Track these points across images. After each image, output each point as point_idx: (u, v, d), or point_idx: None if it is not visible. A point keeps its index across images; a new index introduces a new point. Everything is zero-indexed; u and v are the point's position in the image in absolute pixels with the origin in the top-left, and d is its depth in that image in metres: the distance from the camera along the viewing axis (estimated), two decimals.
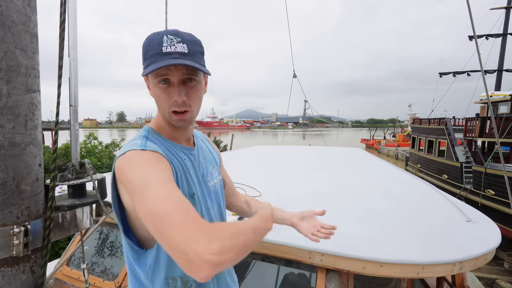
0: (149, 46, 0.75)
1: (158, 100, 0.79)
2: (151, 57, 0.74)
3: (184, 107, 0.78)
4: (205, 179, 0.93)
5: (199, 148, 0.98)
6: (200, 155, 0.95)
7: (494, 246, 1.45)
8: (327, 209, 1.94)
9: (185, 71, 0.76)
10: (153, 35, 0.76)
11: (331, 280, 1.37)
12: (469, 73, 17.18)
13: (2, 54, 0.86)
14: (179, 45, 0.74)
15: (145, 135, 0.81)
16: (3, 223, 0.87)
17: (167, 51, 0.73)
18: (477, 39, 2.21)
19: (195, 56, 0.77)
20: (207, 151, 1.03)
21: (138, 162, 0.70)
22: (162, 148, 0.78)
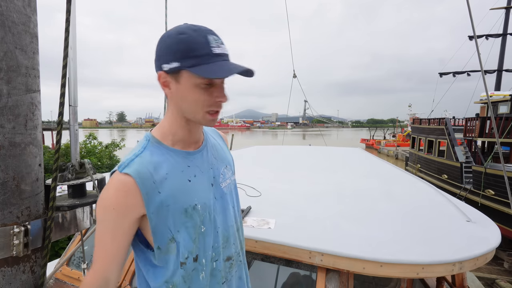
0: (194, 44, 0.71)
1: (196, 101, 0.75)
2: (201, 57, 0.71)
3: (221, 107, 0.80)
4: (217, 180, 0.90)
5: (210, 147, 0.94)
6: (210, 155, 0.92)
7: (494, 246, 1.45)
8: (327, 209, 1.95)
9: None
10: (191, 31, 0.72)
11: (331, 280, 1.37)
12: (469, 73, 17.19)
13: (2, 54, 0.86)
14: (223, 47, 0.75)
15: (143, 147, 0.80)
16: (3, 223, 0.87)
17: (217, 53, 0.73)
18: (477, 39, 2.22)
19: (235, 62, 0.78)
20: (220, 150, 0.98)
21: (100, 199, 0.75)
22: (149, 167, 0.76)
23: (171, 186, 0.78)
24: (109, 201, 0.74)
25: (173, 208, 0.77)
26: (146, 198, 0.74)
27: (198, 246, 0.82)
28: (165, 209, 0.76)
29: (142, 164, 0.76)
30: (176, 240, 0.79)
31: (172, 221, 0.77)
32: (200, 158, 0.88)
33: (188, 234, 0.80)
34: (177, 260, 0.79)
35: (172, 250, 0.79)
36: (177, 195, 0.78)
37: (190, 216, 0.80)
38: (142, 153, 0.78)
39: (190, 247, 0.80)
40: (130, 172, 0.74)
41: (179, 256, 0.79)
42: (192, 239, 0.81)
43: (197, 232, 0.81)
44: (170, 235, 0.78)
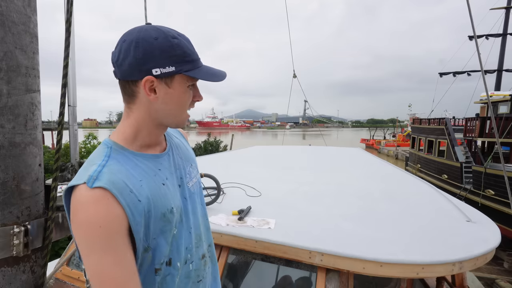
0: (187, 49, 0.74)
1: (184, 104, 0.78)
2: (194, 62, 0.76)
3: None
4: (184, 180, 0.88)
5: (174, 147, 0.91)
6: (175, 155, 0.89)
7: (494, 246, 1.45)
8: (327, 209, 1.95)
9: None
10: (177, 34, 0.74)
11: (331, 280, 1.37)
12: (469, 73, 17.19)
13: (2, 54, 0.86)
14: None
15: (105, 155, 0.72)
16: (3, 223, 0.88)
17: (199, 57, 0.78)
18: (477, 39, 2.22)
19: None
20: (184, 149, 0.97)
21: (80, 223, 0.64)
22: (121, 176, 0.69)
23: (148, 192, 0.72)
24: (91, 221, 0.63)
25: (154, 214, 0.72)
26: (128, 210, 0.67)
27: (171, 249, 0.78)
28: (147, 215, 0.71)
29: (112, 174, 0.68)
30: (152, 248, 0.74)
31: (151, 229, 0.72)
32: (167, 160, 0.85)
33: (165, 239, 0.76)
34: (150, 268, 0.75)
35: (147, 261, 0.74)
36: (155, 201, 0.73)
37: (168, 220, 0.76)
38: (108, 162, 0.70)
39: (165, 251, 0.77)
40: (103, 184, 0.64)
41: (154, 263, 0.75)
42: (168, 243, 0.77)
43: (172, 235, 0.78)
44: (146, 244, 0.72)
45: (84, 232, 0.64)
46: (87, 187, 0.64)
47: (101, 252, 0.63)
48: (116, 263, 0.65)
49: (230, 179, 2.67)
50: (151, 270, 0.75)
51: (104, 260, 0.63)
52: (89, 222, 0.63)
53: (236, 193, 2.32)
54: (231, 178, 2.73)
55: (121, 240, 0.66)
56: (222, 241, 1.56)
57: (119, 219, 0.65)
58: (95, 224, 0.63)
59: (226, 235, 1.55)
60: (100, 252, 0.63)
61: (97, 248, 0.63)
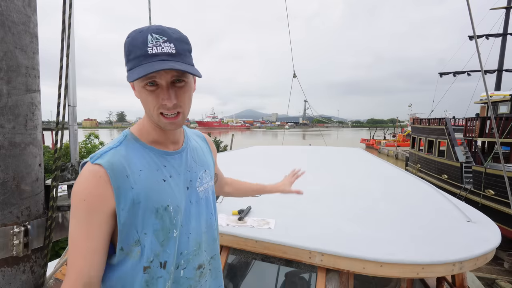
0: (132, 46, 0.69)
1: (145, 103, 0.74)
2: (136, 59, 0.69)
3: (175, 109, 0.73)
4: (194, 184, 0.87)
5: (190, 150, 0.90)
6: (189, 157, 0.88)
7: (494, 246, 1.45)
8: (327, 209, 1.95)
9: (174, 73, 0.71)
10: (135, 33, 0.70)
11: (331, 280, 1.37)
12: (469, 73, 17.18)
13: (2, 54, 0.86)
14: (165, 45, 0.69)
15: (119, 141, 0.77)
16: (3, 223, 0.87)
17: (153, 53, 0.67)
18: (477, 39, 2.21)
19: (183, 56, 0.72)
20: (201, 153, 0.95)
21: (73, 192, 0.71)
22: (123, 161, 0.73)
23: (145, 183, 0.74)
24: (80, 193, 0.70)
25: (144, 206, 0.73)
26: (117, 192, 0.70)
27: (168, 252, 0.78)
28: (136, 206, 0.72)
29: (115, 157, 0.73)
30: (141, 243, 0.74)
31: (141, 221, 0.74)
32: (179, 160, 0.85)
33: (156, 237, 0.76)
34: (139, 264, 0.75)
35: (135, 255, 0.75)
36: (149, 193, 0.74)
37: (161, 218, 0.76)
38: (118, 147, 0.75)
39: (156, 250, 0.76)
40: (102, 163, 0.70)
41: (143, 260, 0.75)
42: (160, 242, 0.76)
43: (166, 235, 0.77)
44: (136, 237, 0.74)
45: (72, 200, 0.71)
46: (90, 162, 0.72)
47: (78, 222, 0.70)
48: (85, 237, 0.70)
49: None
50: (140, 267, 0.75)
51: (77, 229, 0.71)
52: (78, 193, 0.70)
53: None
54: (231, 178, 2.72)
55: (98, 218, 0.71)
56: (222, 241, 1.56)
57: (104, 198, 0.70)
58: (81, 196, 0.70)
59: (226, 235, 1.55)
60: (78, 221, 0.70)
61: (76, 217, 0.71)
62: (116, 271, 0.76)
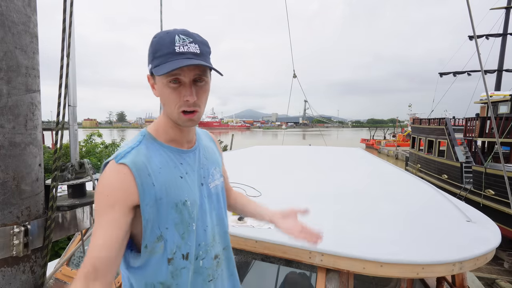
0: (159, 45, 0.75)
1: (167, 100, 0.78)
2: (163, 57, 0.74)
3: (194, 107, 0.78)
4: (206, 180, 0.92)
5: (201, 148, 0.96)
6: (201, 155, 0.94)
7: (494, 246, 1.45)
8: (327, 209, 1.95)
9: (197, 71, 0.76)
10: (163, 33, 0.76)
11: (331, 280, 1.37)
12: (469, 73, 17.17)
13: (2, 54, 0.86)
14: (191, 45, 0.75)
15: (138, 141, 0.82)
16: (3, 223, 0.87)
17: (180, 51, 0.73)
18: (477, 39, 2.21)
19: (205, 57, 0.78)
20: (211, 152, 1.01)
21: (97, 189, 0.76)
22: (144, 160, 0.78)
23: (164, 180, 0.79)
24: (104, 190, 0.74)
25: (166, 202, 0.78)
26: (141, 189, 0.75)
27: (188, 244, 0.83)
28: (159, 202, 0.77)
29: (137, 156, 0.77)
30: (164, 238, 0.79)
31: (163, 217, 0.78)
32: (193, 157, 0.90)
33: (177, 230, 0.81)
34: (163, 257, 0.80)
35: (159, 250, 0.79)
36: (169, 189, 0.79)
37: (180, 212, 0.81)
38: (138, 146, 0.80)
39: (178, 242, 0.81)
40: (126, 162, 0.75)
41: (166, 253, 0.80)
42: (180, 235, 0.81)
43: (186, 228, 0.82)
44: (159, 233, 0.78)
45: (96, 200, 0.75)
46: (114, 162, 0.76)
47: (100, 217, 0.73)
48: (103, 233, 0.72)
49: (230, 179, 2.66)
50: (164, 260, 0.80)
51: (98, 224, 0.73)
52: (103, 189, 0.74)
53: None
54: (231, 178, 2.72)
55: (119, 209, 0.74)
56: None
57: (128, 193, 0.74)
58: (104, 192, 0.74)
59: None
60: (99, 216, 0.74)
61: (99, 211, 0.74)
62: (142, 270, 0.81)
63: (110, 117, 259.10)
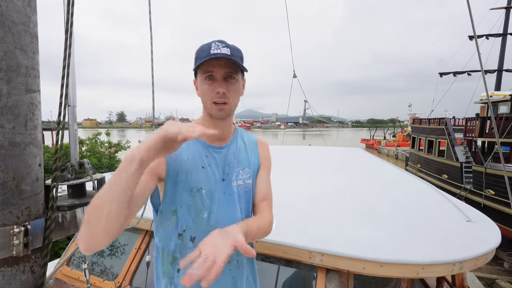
0: (200, 51, 0.89)
1: (204, 94, 0.91)
2: (201, 58, 0.87)
3: (224, 98, 0.89)
4: (230, 177, 0.98)
5: (235, 148, 1.03)
6: (231, 154, 1.00)
7: (494, 246, 1.45)
8: (327, 209, 1.95)
9: (228, 69, 0.89)
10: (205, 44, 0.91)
11: (331, 280, 1.37)
12: (469, 73, 17.17)
13: (2, 54, 0.86)
14: (224, 49, 0.88)
15: None
16: (3, 223, 0.87)
17: (214, 52, 0.86)
18: (477, 39, 2.21)
19: (235, 58, 0.89)
20: (244, 152, 1.05)
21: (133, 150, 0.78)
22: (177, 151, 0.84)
23: (188, 167, 0.90)
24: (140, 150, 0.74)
25: (184, 184, 0.89)
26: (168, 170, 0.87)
27: (198, 229, 0.91)
28: (179, 183, 0.88)
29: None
30: (177, 215, 0.90)
31: (178, 196, 0.89)
32: (220, 154, 0.98)
33: (188, 212, 0.90)
34: (175, 231, 0.91)
35: (172, 222, 0.91)
36: (189, 174, 0.90)
37: (193, 197, 0.90)
38: None
39: (188, 222, 0.91)
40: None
41: (178, 228, 0.91)
42: (192, 218, 0.91)
43: (197, 214, 0.91)
44: (174, 207, 0.90)
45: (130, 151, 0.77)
46: None
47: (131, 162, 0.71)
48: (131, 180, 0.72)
49: None
50: (175, 232, 0.91)
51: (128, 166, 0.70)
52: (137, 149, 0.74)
53: None
54: None
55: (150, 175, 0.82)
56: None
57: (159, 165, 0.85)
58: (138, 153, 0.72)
59: None
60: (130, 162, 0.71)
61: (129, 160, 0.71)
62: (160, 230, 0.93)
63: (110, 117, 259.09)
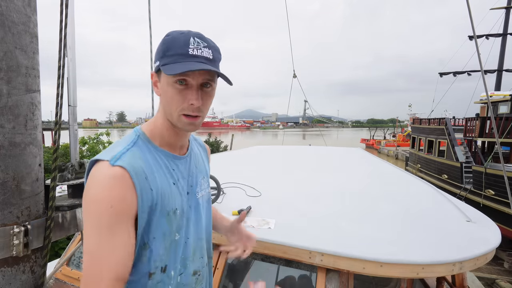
0: (172, 44, 0.72)
1: (170, 100, 0.74)
2: (175, 56, 0.71)
3: (198, 112, 0.75)
4: (194, 189, 0.88)
5: (193, 155, 0.92)
6: (192, 163, 0.90)
7: (494, 246, 1.45)
8: (327, 209, 1.95)
9: (206, 76, 0.73)
10: (177, 33, 0.74)
11: (331, 280, 1.37)
12: (469, 73, 17.16)
13: (2, 54, 0.86)
14: (205, 50, 0.73)
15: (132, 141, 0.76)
16: (3, 223, 0.87)
17: (193, 54, 0.71)
18: (477, 39, 2.21)
19: (217, 63, 0.76)
20: (201, 160, 0.97)
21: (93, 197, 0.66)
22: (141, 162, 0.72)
23: (159, 186, 0.74)
24: (105, 198, 0.64)
25: (159, 209, 0.74)
26: (140, 195, 0.69)
27: (169, 256, 0.78)
28: (154, 209, 0.72)
29: (134, 158, 0.71)
30: (150, 247, 0.74)
31: (153, 225, 0.73)
32: (184, 164, 0.86)
33: (163, 241, 0.76)
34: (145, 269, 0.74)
35: (143, 259, 0.74)
36: (163, 197, 0.75)
37: (170, 221, 0.76)
38: (132, 147, 0.74)
39: (162, 255, 0.76)
40: (124, 165, 0.68)
41: (150, 266, 0.74)
42: (165, 247, 0.76)
43: (170, 239, 0.78)
44: (146, 240, 0.73)
45: (94, 207, 0.65)
46: (109, 164, 0.67)
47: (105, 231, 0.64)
48: (115, 247, 0.65)
49: (230, 179, 2.67)
50: (145, 273, 0.74)
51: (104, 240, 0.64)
52: (103, 199, 0.65)
53: (236, 193, 2.32)
54: (231, 178, 2.73)
55: (126, 225, 0.67)
56: (222, 241, 1.56)
57: (131, 202, 0.67)
58: (107, 202, 0.64)
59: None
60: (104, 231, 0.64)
61: (102, 226, 0.64)
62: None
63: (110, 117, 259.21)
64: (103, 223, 0.64)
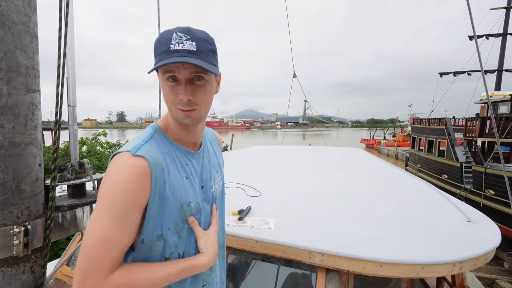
0: (159, 43, 0.74)
1: (165, 97, 0.78)
2: (160, 54, 0.73)
3: (190, 106, 0.76)
4: (208, 183, 0.91)
5: (205, 150, 0.95)
6: (205, 158, 0.93)
7: (494, 246, 1.45)
8: (327, 209, 1.95)
9: (193, 69, 0.74)
10: (165, 32, 0.75)
11: (331, 280, 1.37)
12: (469, 73, 17.16)
13: (2, 54, 0.86)
14: (187, 43, 0.73)
15: (149, 135, 0.79)
16: (3, 223, 0.87)
17: (174, 49, 0.72)
18: (477, 39, 2.21)
19: (204, 54, 0.75)
20: (213, 154, 1.00)
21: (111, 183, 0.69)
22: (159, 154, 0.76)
23: (173, 179, 0.77)
24: (122, 185, 0.68)
25: (172, 201, 0.76)
26: (154, 185, 0.71)
27: (185, 243, 0.81)
28: (166, 201, 0.74)
29: (153, 150, 0.75)
30: (164, 238, 0.77)
31: (167, 216, 0.76)
32: (197, 160, 0.89)
33: (177, 232, 0.79)
34: (161, 256, 0.77)
35: (157, 248, 0.76)
36: (176, 189, 0.77)
37: (183, 213, 0.79)
38: (150, 140, 0.77)
39: (175, 241, 0.79)
40: (145, 155, 0.71)
41: (165, 252, 0.77)
42: (178, 233, 0.79)
43: (184, 229, 0.81)
44: (159, 232, 0.75)
45: (111, 192, 0.68)
46: (130, 154, 0.71)
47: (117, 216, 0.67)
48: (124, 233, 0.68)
49: (230, 179, 2.67)
50: (161, 259, 0.78)
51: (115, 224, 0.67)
52: (121, 185, 0.68)
53: (236, 193, 2.31)
54: (231, 178, 2.73)
55: (137, 213, 0.70)
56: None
57: (145, 192, 0.70)
58: (122, 189, 0.68)
59: (226, 235, 1.55)
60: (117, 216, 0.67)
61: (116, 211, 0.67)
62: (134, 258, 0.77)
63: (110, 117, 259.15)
64: (117, 209, 0.67)
